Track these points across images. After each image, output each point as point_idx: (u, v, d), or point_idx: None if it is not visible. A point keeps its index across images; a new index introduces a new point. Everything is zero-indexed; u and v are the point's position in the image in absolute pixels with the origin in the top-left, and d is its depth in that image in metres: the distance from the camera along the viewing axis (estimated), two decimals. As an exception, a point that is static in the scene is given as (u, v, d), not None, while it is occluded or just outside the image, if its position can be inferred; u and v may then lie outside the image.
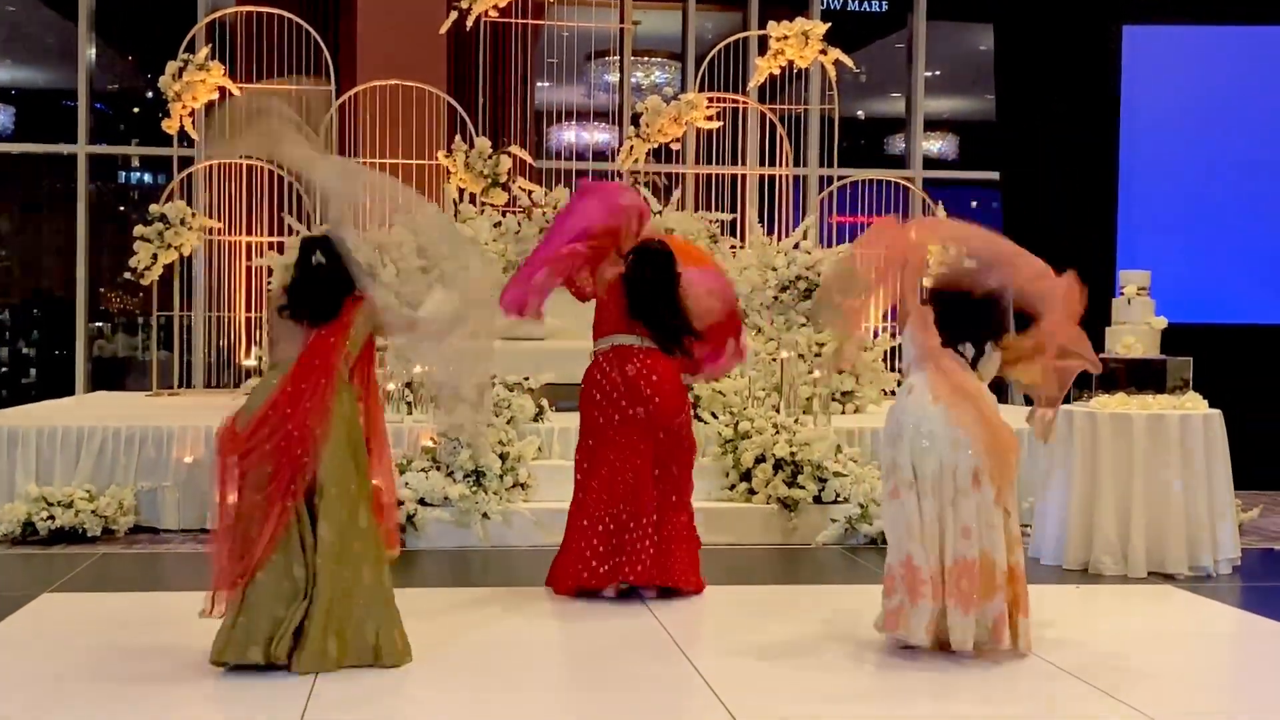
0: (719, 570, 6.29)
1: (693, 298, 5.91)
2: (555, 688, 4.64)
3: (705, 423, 8.06)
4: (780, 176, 11.82)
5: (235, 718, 4.17)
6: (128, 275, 10.52)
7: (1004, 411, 5.02)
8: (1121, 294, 7.60)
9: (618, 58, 12.95)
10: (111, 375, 13.27)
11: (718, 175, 11.93)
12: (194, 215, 10.65)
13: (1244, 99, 11.70)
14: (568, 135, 12.74)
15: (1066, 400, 7.50)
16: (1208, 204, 11.66)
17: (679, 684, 4.56)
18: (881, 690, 4.51)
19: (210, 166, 11.03)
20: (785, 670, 4.74)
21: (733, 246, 11.08)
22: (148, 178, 14.65)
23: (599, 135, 13.25)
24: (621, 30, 12.27)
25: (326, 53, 11.19)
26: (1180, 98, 11.76)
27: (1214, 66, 11.75)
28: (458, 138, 10.97)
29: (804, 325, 10.18)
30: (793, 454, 7.59)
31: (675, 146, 11.37)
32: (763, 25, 11.46)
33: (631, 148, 11.09)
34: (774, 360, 9.11)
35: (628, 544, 5.73)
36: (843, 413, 9.31)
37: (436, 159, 10.87)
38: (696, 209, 11.60)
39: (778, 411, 8.32)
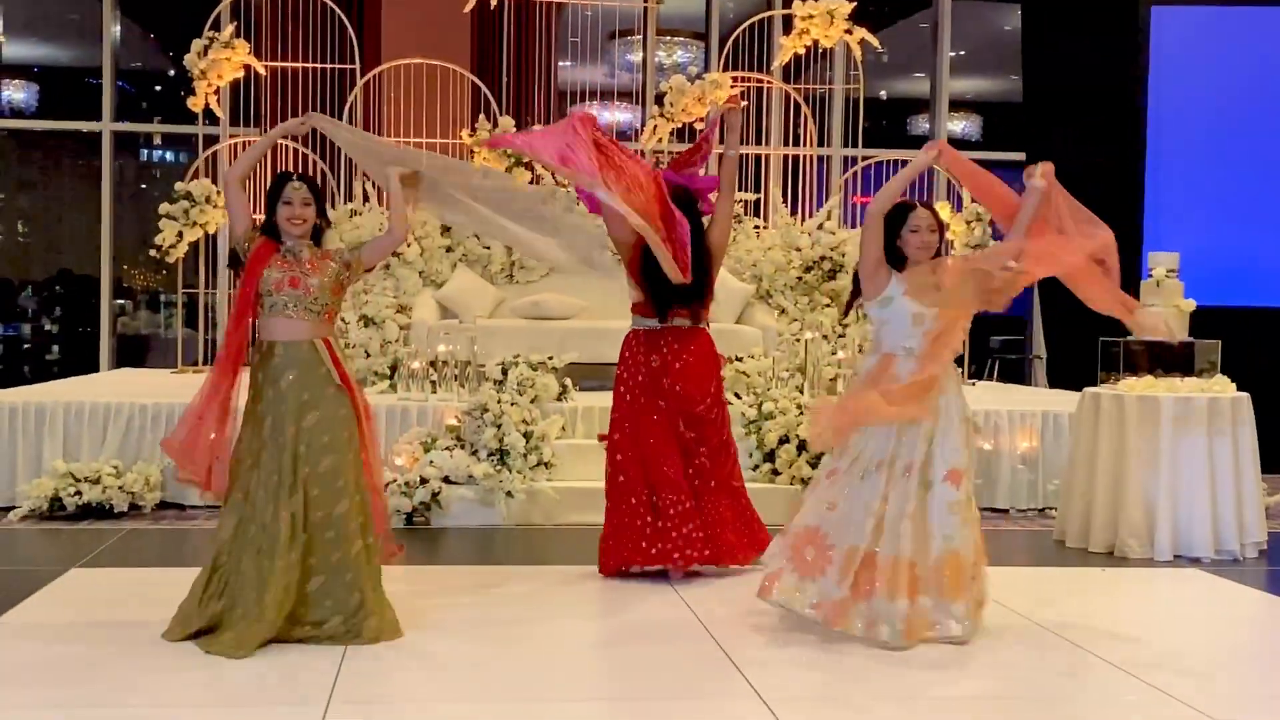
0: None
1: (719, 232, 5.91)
2: (578, 666, 4.66)
3: (729, 403, 8.06)
4: (804, 157, 11.80)
5: (264, 689, 4.20)
6: (152, 253, 10.57)
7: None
8: (1150, 276, 7.57)
9: (641, 37, 12.92)
10: (135, 352, 13.35)
11: (741, 155, 11.90)
12: (219, 193, 10.68)
13: (1274, 80, 11.62)
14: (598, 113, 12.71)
15: (1093, 382, 7.51)
16: (1236, 186, 11.59)
17: (703, 662, 4.58)
18: (905, 668, 4.51)
19: (235, 144, 11.06)
20: (809, 647, 4.75)
21: (757, 227, 11.07)
22: (169, 155, 14.70)
23: (621, 115, 13.22)
24: (645, 9, 12.24)
25: (351, 31, 11.19)
26: (1209, 79, 11.69)
27: (1243, 47, 11.67)
28: (481, 117, 10.97)
29: (828, 306, 10.18)
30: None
31: (699, 126, 11.35)
32: (787, 4, 11.42)
33: (655, 127, 11.08)
34: (798, 341, 9.11)
35: (669, 528, 5.73)
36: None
37: (460, 138, 10.88)
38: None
39: (801, 392, 8.32)
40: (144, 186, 14.51)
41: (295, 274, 4.68)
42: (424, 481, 7.22)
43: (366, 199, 10.53)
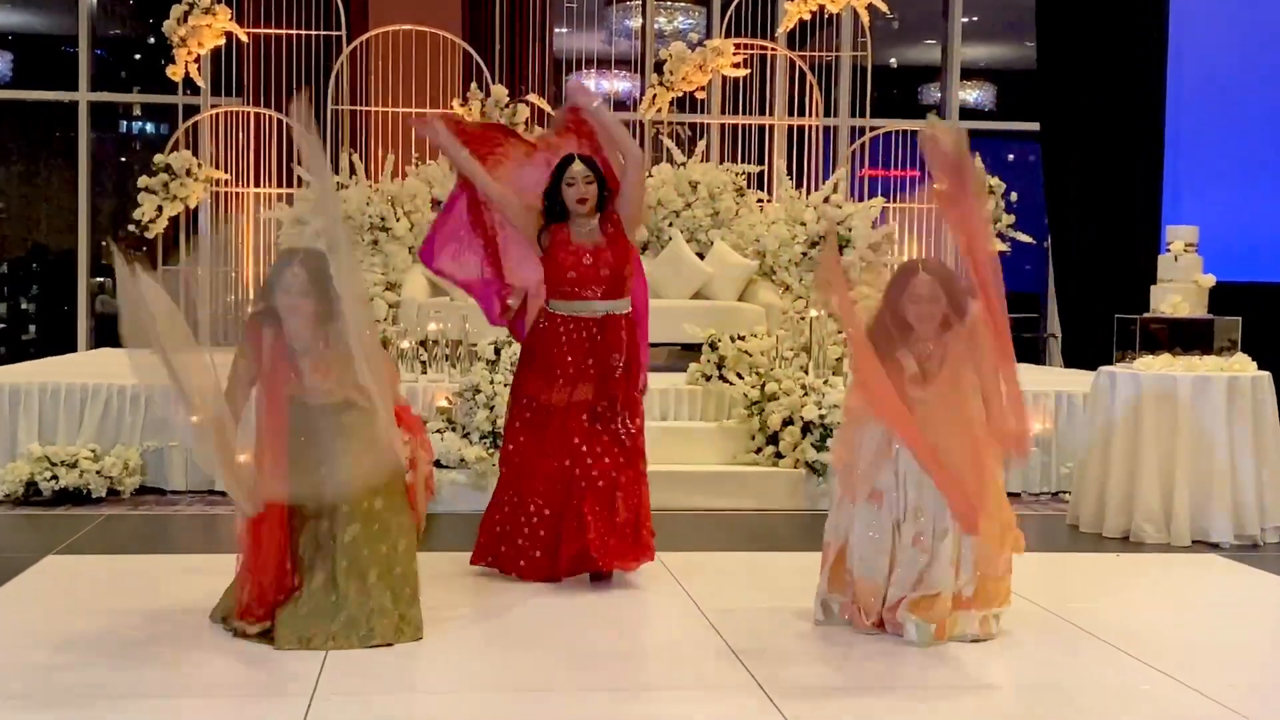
0: (744, 536, 6.32)
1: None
2: (573, 651, 4.66)
3: (731, 384, 8.08)
4: (810, 127, 11.78)
5: (247, 679, 4.22)
6: (131, 228, 10.56)
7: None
8: (1168, 250, 7.57)
9: (640, 2, 12.89)
10: (114, 332, 13.35)
11: (744, 126, 11.89)
12: (200, 166, 10.68)
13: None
14: (587, 83, 12.70)
15: (1109, 361, 7.50)
16: (1259, 157, 11.58)
17: (702, 649, 4.59)
18: (907, 656, 4.53)
19: (216, 115, 11.04)
20: (812, 636, 4.77)
21: (760, 200, 11.06)
22: (150, 127, 14.67)
23: (620, 83, 13.19)
24: (644, -27, 12.21)
25: (336, -4, 11.17)
26: (1231, 47, 11.66)
27: (1267, 14, 11.64)
28: (473, 85, 10.95)
29: (834, 283, 10.16)
30: (822, 416, 7.60)
31: (700, 95, 11.33)
32: (792, -32, 11.39)
33: (654, 96, 11.06)
34: (802, 319, 9.10)
35: (562, 534, 5.51)
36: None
37: (451, 108, 10.85)
38: (722, 161, 11.58)
39: (806, 372, 8.31)
40: (123, 159, 14.49)
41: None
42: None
43: (354, 172, 10.52)
